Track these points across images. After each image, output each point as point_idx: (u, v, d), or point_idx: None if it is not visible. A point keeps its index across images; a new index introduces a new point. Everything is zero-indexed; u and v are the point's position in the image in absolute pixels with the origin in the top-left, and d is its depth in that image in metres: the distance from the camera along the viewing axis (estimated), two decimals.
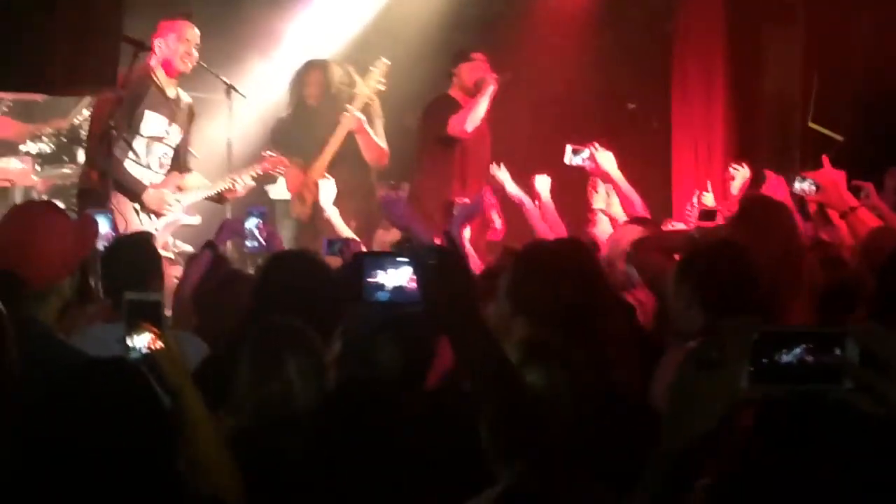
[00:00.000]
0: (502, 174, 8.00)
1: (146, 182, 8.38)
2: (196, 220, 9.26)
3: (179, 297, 5.81)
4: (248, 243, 6.39)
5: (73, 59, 6.26)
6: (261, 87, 10.95)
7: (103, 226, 6.36)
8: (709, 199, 8.44)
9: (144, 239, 5.99)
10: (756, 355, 2.11)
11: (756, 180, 7.88)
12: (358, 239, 7.57)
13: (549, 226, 7.44)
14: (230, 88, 9.63)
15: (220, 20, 10.67)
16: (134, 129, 8.33)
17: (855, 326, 2.09)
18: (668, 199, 10.35)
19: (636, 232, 6.03)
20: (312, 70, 10.29)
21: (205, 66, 9.85)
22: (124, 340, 3.46)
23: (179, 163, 8.78)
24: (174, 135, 8.65)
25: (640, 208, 7.25)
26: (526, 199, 7.62)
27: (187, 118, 8.85)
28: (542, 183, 7.86)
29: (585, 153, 7.97)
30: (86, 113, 9.92)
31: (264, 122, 10.82)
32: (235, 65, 10.62)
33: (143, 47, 7.67)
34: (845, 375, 2.07)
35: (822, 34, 10.10)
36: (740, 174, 8.23)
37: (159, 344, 3.43)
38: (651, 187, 8.95)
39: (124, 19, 6.86)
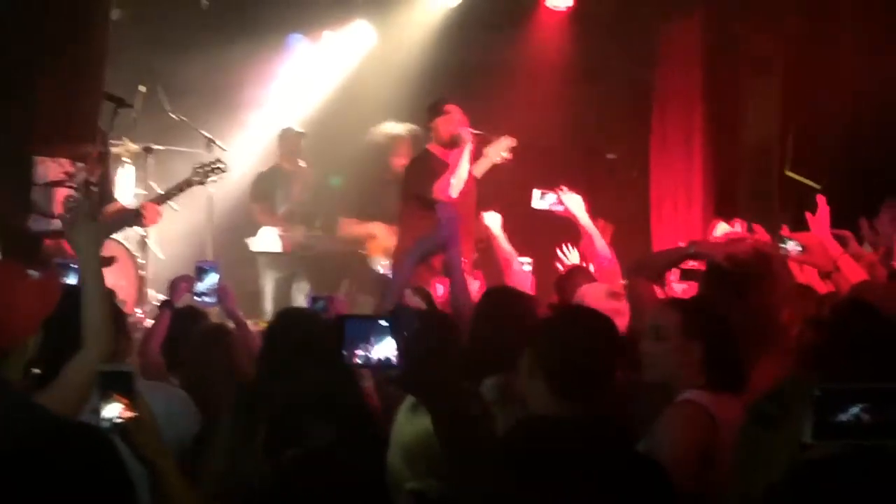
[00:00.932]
0: (493, 223, 8.04)
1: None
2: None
3: (146, 354, 5.78)
4: (201, 299, 6.33)
5: (57, 117, 6.28)
6: (242, 143, 11.04)
7: (73, 278, 6.33)
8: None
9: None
10: (818, 411, 2.12)
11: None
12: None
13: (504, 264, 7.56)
14: (210, 142, 9.68)
15: (202, 79, 10.75)
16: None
17: None
18: (648, 249, 10.36)
19: (600, 291, 6.07)
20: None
21: (185, 120, 9.92)
22: (96, 411, 3.44)
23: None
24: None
25: (604, 250, 7.30)
26: (514, 258, 7.66)
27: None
28: (492, 219, 7.97)
29: (552, 196, 8.02)
30: None
31: (244, 176, 10.91)
32: (217, 121, 10.69)
33: (124, 104, 7.68)
34: None
35: (800, 85, 10.16)
36: (721, 228, 8.26)
37: (130, 413, 3.42)
38: (630, 237, 9.00)
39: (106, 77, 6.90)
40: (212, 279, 6.32)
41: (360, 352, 3.05)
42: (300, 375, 3.88)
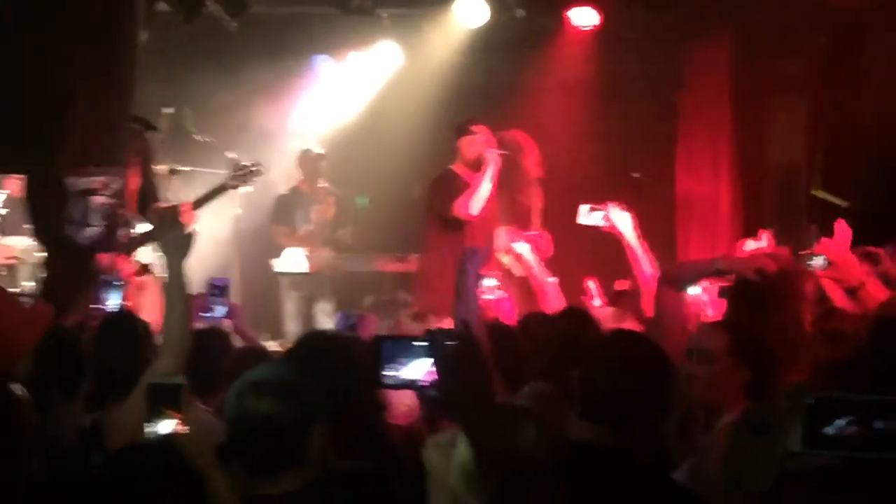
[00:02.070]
0: (524, 250, 8.02)
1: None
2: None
3: None
4: (211, 315, 6.32)
5: (88, 139, 6.33)
6: (267, 165, 11.07)
7: (115, 298, 6.36)
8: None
9: (131, 317, 5.68)
10: (810, 420, 2.11)
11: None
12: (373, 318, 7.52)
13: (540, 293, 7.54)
14: (236, 164, 9.71)
15: (228, 101, 10.81)
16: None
17: None
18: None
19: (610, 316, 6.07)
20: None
21: (211, 141, 9.98)
22: (148, 426, 3.45)
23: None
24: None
25: (650, 272, 7.24)
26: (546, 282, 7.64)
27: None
28: (523, 247, 7.96)
29: (600, 213, 7.99)
30: None
31: (269, 198, 10.97)
32: (242, 143, 10.73)
33: (151, 126, 7.72)
34: None
35: (826, 103, 10.14)
36: (748, 246, 8.22)
37: (182, 428, 3.43)
38: (656, 256, 8.97)
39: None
40: (223, 296, 6.31)
41: (390, 372, 3.06)
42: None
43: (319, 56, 11.62)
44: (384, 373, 3.14)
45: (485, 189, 8.69)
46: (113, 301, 6.39)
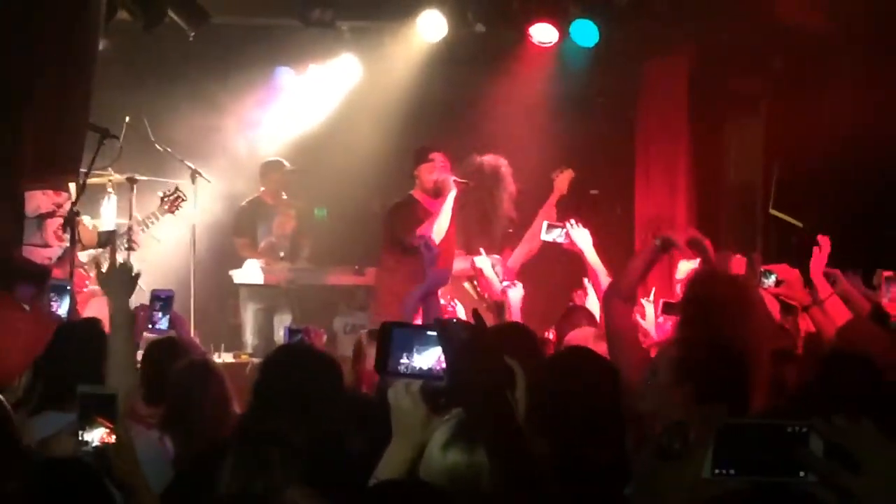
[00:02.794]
0: (484, 265, 8.05)
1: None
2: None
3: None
4: (155, 327, 6.25)
5: (43, 149, 6.27)
6: (226, 175, 11.06)
7: (63, 306, 6.30)
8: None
9: (93, 325, 5.53)
10: (719, 446, 2.12)
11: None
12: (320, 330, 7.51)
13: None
14: (195, 173, 9.69)
15: (187, 110, 10.78)
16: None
17: (818, 420, 2.11)
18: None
19: (588, 334, 6.08)
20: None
21: (170, 151, 9.94)
22: (77, 434, 3.41)
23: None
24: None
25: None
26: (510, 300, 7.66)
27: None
28: (483, 262, 8.00)
29: (561, 229, 8.06)
30: None
31: (228, 207, 10.95)
32: (201, 153, 10.70)
33: (109, 135, 7.65)
34: (810, 468, 2.09)
35: (784, 124, 10.22)
36: (684, 267, 8.32)
37: (112, 438, 3.39)
38: (613, 274, 9.00)
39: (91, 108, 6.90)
40: (167, 308, 6.25)
41: (403, 360, 3.04)
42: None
43: (280, 68, 11.61)
44: (393, 360, 3.11)
45: (445, 217, 8.65)
46: (63, 308, 6.33)
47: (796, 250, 8.05)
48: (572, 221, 8.09)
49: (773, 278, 6.58)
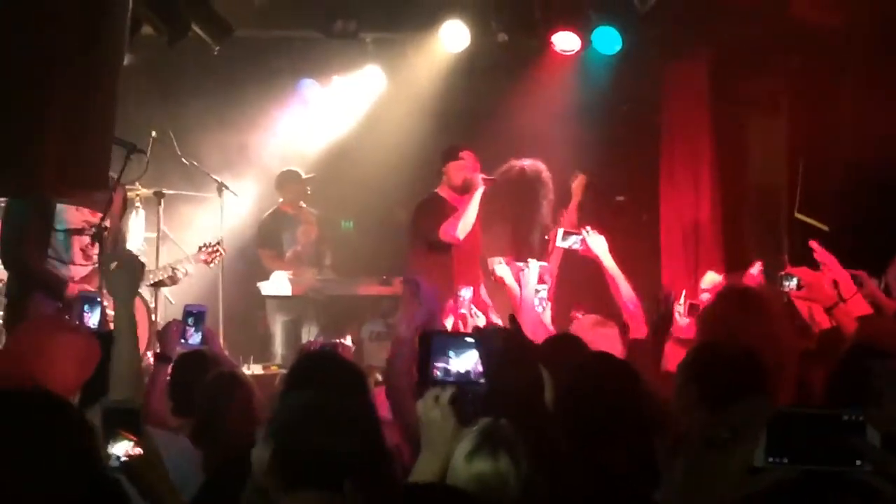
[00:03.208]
0: (505, 273, 8.08)
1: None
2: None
3: (146, 408, 5.75)
4: (187, 342, 6.31)
5: (66, 161, 6.30)
6: (253, 187, 11.12)
7: (95, 315, 6.38)
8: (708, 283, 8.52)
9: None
10: (772, 434, 2.13)
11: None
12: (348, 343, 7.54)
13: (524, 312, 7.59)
14: (222, 187, 9.75)
15: (213, 124, 10.85)
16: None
17: (873, 409, 2.12)
18: (657, 289, 10.36)
19: (588, 321, 6.11)
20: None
21: (196, 165, 10.01)
22: (106, 449, 3.45)
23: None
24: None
25: (628, 296, 7.30)
26: (525, 295, 7.68)
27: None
28: (503, 270, 8.02)
29: (577, 236, 8.08)
30: None
31: (255, 220, 11.01)
32: (228, 166, 10.77)
33: (135, 149, 7.71)
34: (865, 458, 2.10)
35: (806, 125, 10.21)
36: (709, 278, 8.37)
37: (138, 451, 3.43)
38: (641, 279, 9.00)
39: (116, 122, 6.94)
40: (199, 324, 6.31)
41: (440, 365, 3.08)
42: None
43: (304, 80, 11.67)
44: (435, 366, 3.14)
45: (471, 213, 8.73)
46: (94, 319, 6.41)
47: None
48: (588, 228, 8.11)
49: (794, 281, 6.60)
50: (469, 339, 3.05)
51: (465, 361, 3.08)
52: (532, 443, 2.90)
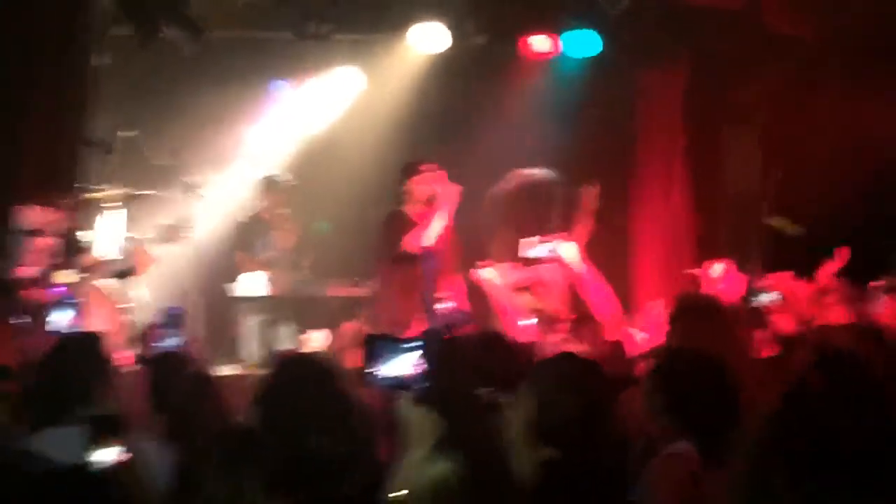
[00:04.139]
0: (491, 276, 8.03)
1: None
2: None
3: (132, 410, 5.72)
4: (165, 343, 6.28)
5: (40, 165, 6.27)
6: (222, 190, 11.06)
7: (67, 316, 6.33)
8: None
9: (90, 340, 5.45)
10: None
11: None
12: None
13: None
14: (191, 188, 9.70)
15: (183, 125, 10.79)
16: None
17: None
18: (629, 295, 10.38)
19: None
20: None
21: (166, 166, 9.95)
22: (89, 454, 3.46)
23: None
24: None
25: (604, 300, 7.31)
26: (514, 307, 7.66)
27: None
28: (489, 273, 7.98)
29: (547, 245, 8.06)
30: None
31: (225, 222, 10.96)
32: (198, 168, 10.71)
33: (106, 149, 7.67)
34: None
35: (781, 133, 10.24)
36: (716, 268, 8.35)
37: (121, 457, 3.43)
38: (612, 283, 9.01)
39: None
40: (177, 325, 6.29)
41: (375, 368, 3.11)
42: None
43: (277, 81, 11.61)
44: (372, 370, 3.17)
45: (437, 224, 8.61)
46: (65, 320, 6.36)
47: (793, 257, 8.06)
48: (557, 236, 8.11)
49: (764, 297, 6.62)
50: (405, 345, 3.10)
51: (400, 365, 3.12)
52: (471, 439, 2.91)
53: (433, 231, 8.62)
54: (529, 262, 8.47)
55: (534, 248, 8.15)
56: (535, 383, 3.66)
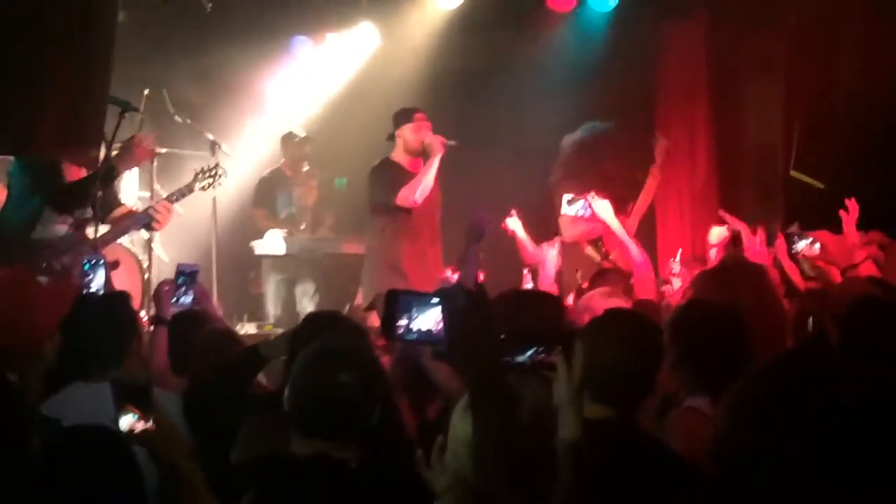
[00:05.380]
0: (516, 225, 7.99)
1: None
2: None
3: (152, 370, 5.75)
4: (179, 301, 6.26)
5: (63, 120, 6.27)
6: (245, 147, 11.07)
7: (99, 277, 6.35)
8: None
9: (117, 300, 5.54)
10: None
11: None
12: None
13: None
14: (214, 145, 9.70)
15: (206, 82, 10.79)
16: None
17: None
18: (654, 250, 10.37)
19: (598, 294, 6.10)
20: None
21: (190, 123, 9.95)
22: (115, 421, 3.48)
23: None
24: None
25: (638, 256, 7.31)
26: (545, 259, 7.61)
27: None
28: (515, 223, 7.96)
29: (582, 203, 8.04)
30: None
31: (249, 179, 10.97)
32: (221, 124, 10.71)
33: (130, 107, 7.64)
34: None
35: (803, 84, 10.18)
36: (716, 231, 8.35)
37: (145, 425, 3.46)
38: (636, 238, 9.01)
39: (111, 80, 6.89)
40: (192, 283, 6.28)
41: (402, 322, 3.10)
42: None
43: (297, 37, 11.60)
44: (394, 324, 3.17)
45: (430, 178, 8.42)
46: (98, 282, 6.38)
47: (816, 211, 8.04)
48: (593, 194, 8.07)
49: (811, 244, 6.61)
50: (433, 299, 3.08)
51: (428, 319, 3.11)
52: (482, 398, 2.91)
53: (426, 185, 8.43)
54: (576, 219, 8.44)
55: (567, 205, 8.13)
56: (593, 340, 3.67)
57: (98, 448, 3.06)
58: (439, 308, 3.07)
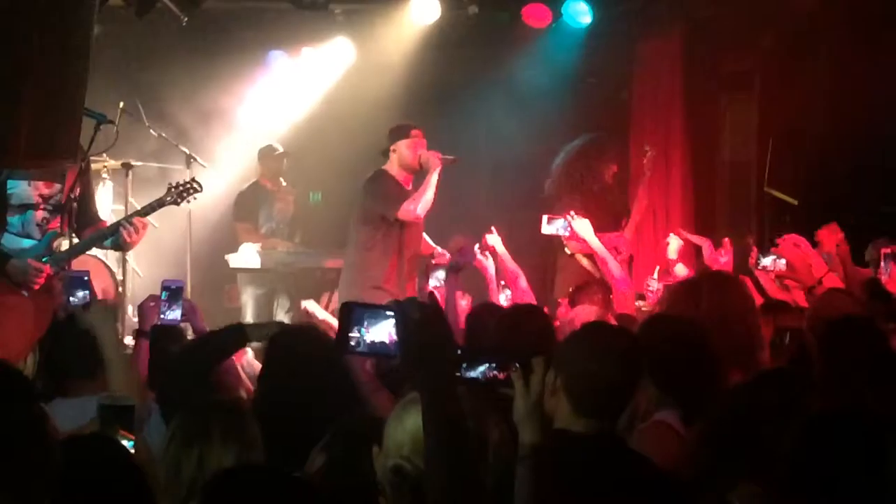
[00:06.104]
0: (496, 241, 7.99)
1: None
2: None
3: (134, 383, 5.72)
4: (166, 316, 6.22)
5: (38, 132, 6.23)
6: (220, 160, 11.06)
7: (83, 297, 6.30)
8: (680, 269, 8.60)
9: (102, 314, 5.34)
10: None
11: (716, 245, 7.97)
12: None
13: (509, 281, 7.58)
14: (190, 158, 9.69)
15: (181, 95, 10.78)
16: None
17: None
18: (629, 266, 10.38)
19: (591, 314, 6.13)
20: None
21: (165, 136, 9.94)
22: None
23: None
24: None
25: (618, 272, 7.36)
26: (520, 273, 7.65)
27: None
28: (494, 239, 7.96)
29: (561, 222, 8.07)
30: None
31: (224, 192, 10.95)
32: (196, 137, 10.71)
33: (105, 120, 7.61)
34: None
35: (779, 102, 10.24)
36: (673, 244, 8.43)
37: (131, 447, 3.45)
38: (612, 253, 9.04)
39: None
40: (177, 298, 6.24)
41: (354, 335, 3.10)
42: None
43: (273, 51, 11.60)
44: (347, 336, 3.17)
45: (431, 192, 8.39)
46: (81, 296, 6.33)
47: (789, 227, 8.09)
48: (572, 213, 8.11)
49: (770, 259, 6.64)
50: (387, 312, 3.08)
51: (380, 332, 3.11)
52: (435, 412, 2.91)
53: (427, 200, 8.42)
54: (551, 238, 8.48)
55: (546, 225, 8.14)
56: (572, 353, 3.69)
57: (102, 456, 3.05)
58: (392, 321, 3.06)
